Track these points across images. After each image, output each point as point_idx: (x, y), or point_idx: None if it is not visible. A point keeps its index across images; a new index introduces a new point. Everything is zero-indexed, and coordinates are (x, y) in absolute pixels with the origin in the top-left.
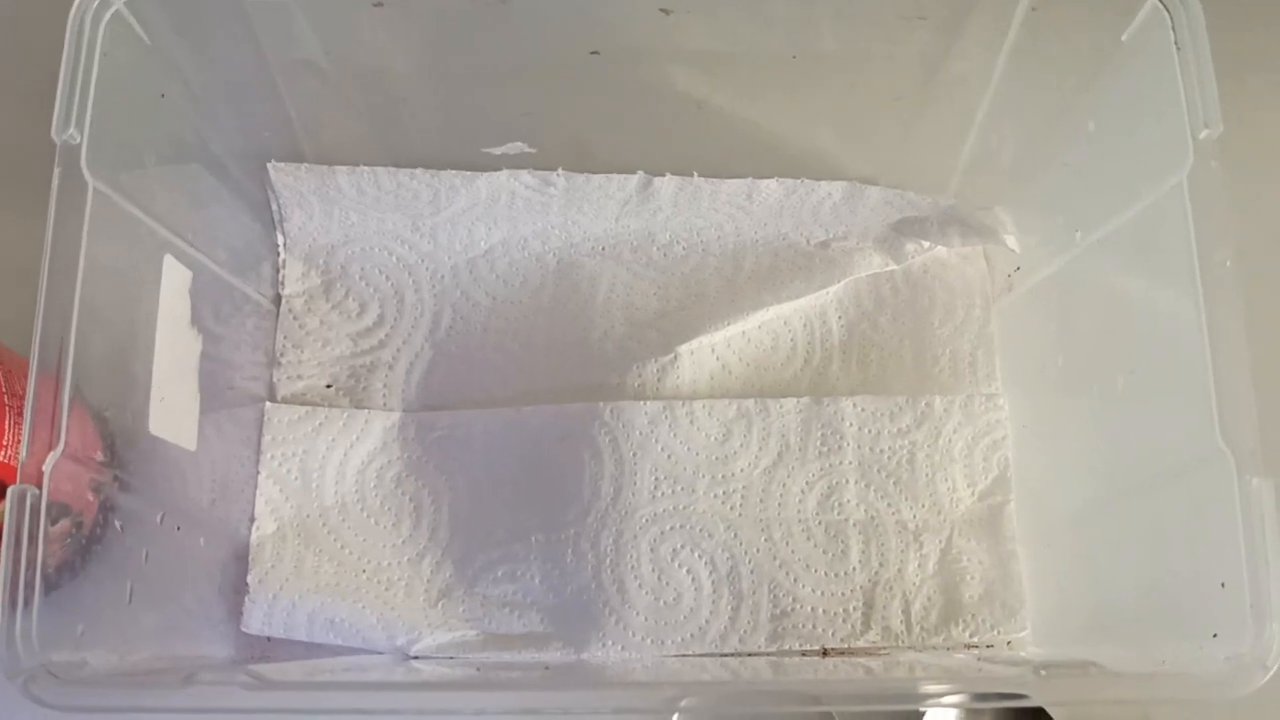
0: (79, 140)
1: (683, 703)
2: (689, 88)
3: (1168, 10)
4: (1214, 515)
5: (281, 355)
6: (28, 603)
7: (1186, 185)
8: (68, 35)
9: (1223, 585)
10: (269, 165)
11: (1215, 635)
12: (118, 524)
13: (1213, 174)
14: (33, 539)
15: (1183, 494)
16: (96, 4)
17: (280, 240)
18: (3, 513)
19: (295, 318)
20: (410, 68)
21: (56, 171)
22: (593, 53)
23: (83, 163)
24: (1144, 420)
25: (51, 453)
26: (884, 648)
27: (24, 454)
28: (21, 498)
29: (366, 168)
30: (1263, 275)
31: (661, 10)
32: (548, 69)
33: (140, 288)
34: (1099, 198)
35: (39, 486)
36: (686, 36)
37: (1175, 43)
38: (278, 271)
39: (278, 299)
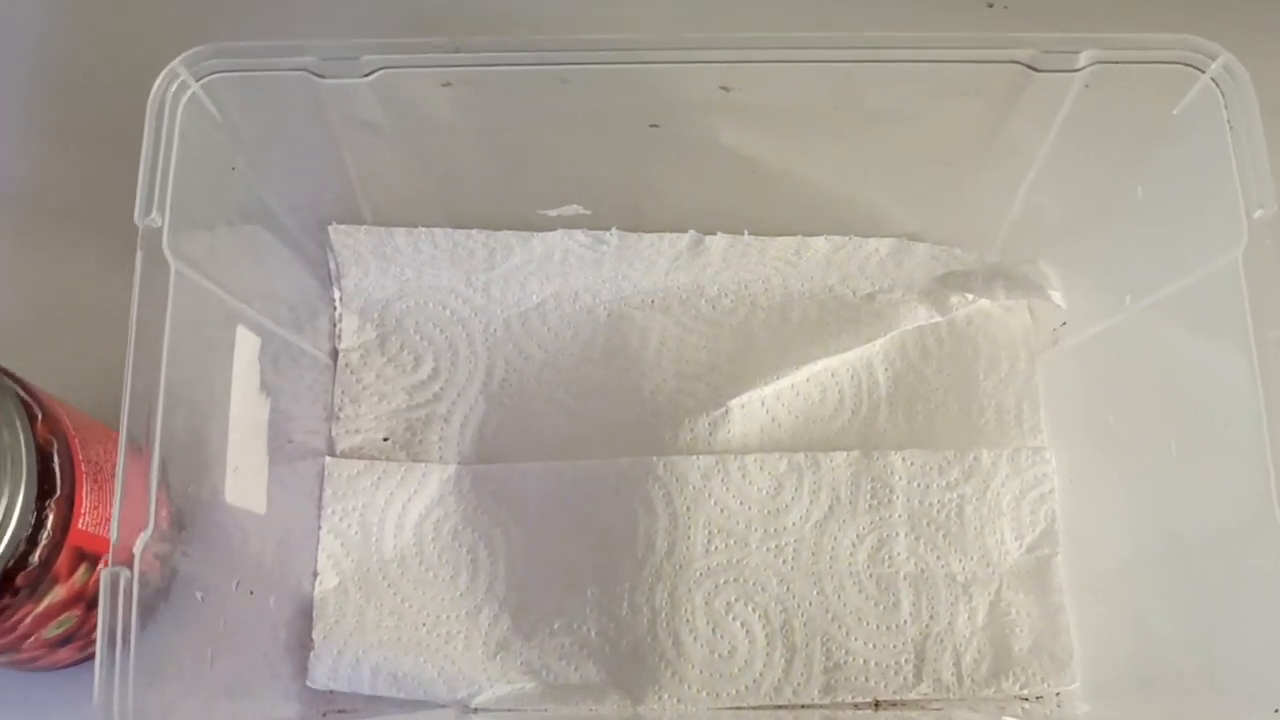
0: (160, 224)
1: None
2: (744, 152)
3: (1220, 89)
4: (1272, 588)
5: (339, 410)
6: (123, 678)
7: (1242, 263)
8: (148, 119)
9: None
10: (330, 228)
11: (1278, 711)
12: (198, 595)
13: (1267, 253)
14: (126, 618)
15: (1237, 562)
16: (175, 87)
17: (336, 296)
18: (79, 580)
19: (352, 372)
20: (473, 138)
21: (139, 255)
22: (652, 125)
23: (164, 245)
24: (1198, 487)
25: (142, 534)
26: (935, 700)
27: (115, 536)
28: (114, 580)
29: (424, 229)
30: None
31: (722, 88)
32: (607, 140)
33: (216, 359)
34: (1149, 263)
35: (130, 568)
36: (745, 108)
37: (1228, 121)
38: (334, 326)
39: (334, 353)
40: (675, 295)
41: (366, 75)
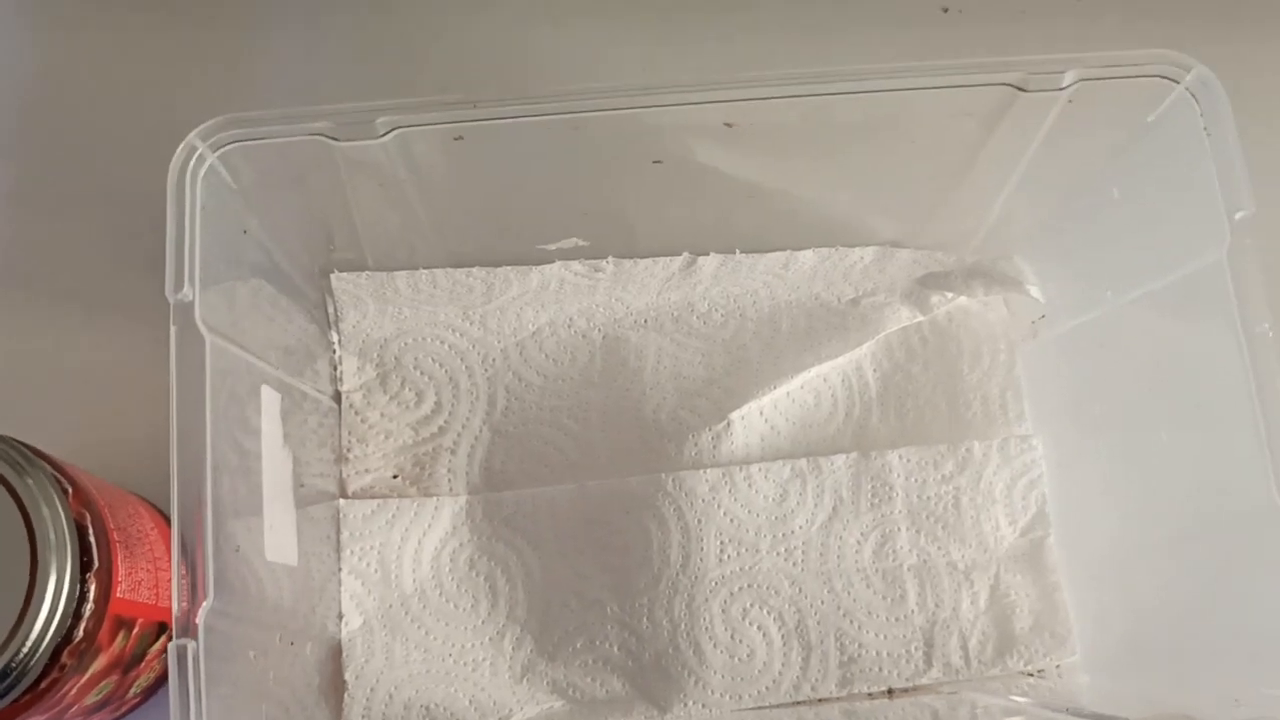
0: (192, 297)
1: None
2: (739, 179)
3: (1195, 98)
4: (1269, 570)
5: (348, 451)
6: None
7: (1227, 263)
8: (170, 193)
9: None
10: (332, 275)
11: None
12: (251, 654)
13: (1249, 252)
14: (197, 688)
15: (1232, 544)
16: (193, 161)
17: (335, 339)
18: (118, 646)
19: (357, 412)
20: (479, 185)
21: (174, 330)
22: (655, 161)
23: (197, 319)
24: (1188, 472)
25: (204, 604)
26: (946, 683)
27: (175, 607)
28: (183, 653)
29: (425, 270)
30: None
31: (725, 124)
32: (611, 178)
33: (247, 421)
34: (1129, 260)
35: (196, 639)
36: (744, 140)
37: (1205, 129)
38: (334, 369)
39: (336, 395)
40: (667, 313)
41: (382, 136)
